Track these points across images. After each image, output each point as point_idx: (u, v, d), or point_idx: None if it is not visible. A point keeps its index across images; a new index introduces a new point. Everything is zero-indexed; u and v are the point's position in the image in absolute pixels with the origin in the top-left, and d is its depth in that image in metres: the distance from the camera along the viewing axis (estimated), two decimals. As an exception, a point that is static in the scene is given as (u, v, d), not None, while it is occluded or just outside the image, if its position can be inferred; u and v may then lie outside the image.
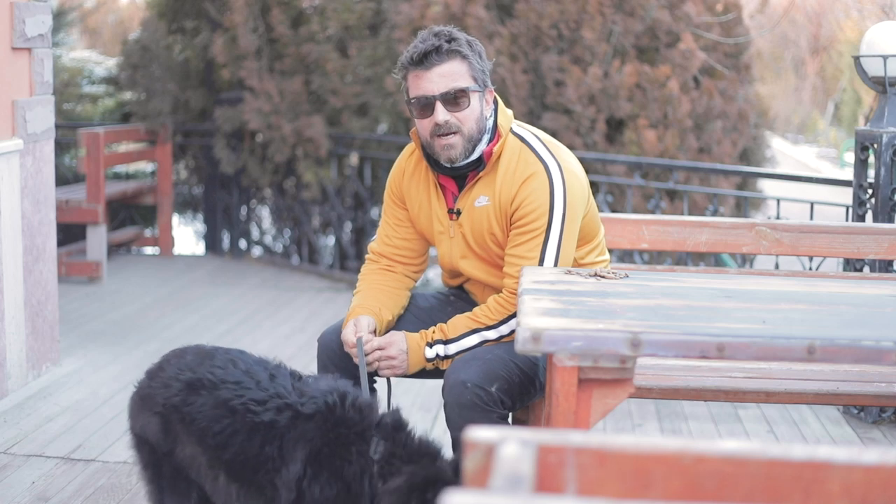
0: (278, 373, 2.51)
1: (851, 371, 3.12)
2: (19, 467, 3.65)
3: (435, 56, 2.71)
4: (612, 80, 6.60)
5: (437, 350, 2.78)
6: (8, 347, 4.42)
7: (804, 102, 24.92)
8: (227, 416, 2.46)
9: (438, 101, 2.72)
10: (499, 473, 1.18)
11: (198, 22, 8.35)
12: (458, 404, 2.66)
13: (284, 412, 2.43)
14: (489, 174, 2.80)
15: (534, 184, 2.74)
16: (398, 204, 2.98)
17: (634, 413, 4.40)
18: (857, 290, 2.60)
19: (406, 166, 2.97)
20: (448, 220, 2.87)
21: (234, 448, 2.45)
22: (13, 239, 4.44)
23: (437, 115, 2.72)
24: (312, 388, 2.48)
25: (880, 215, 4.22)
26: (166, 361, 2.61)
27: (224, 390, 2.47)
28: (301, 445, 2.42)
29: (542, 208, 2.74)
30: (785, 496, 1.23)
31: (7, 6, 4.44)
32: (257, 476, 2.46)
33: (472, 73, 2.75)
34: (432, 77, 2.72)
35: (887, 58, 4.26)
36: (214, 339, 5.44)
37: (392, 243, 2.99)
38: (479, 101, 2.77)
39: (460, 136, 2.74)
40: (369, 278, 2.98)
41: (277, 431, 2.42)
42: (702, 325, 2.15)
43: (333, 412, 2.43)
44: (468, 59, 2.75)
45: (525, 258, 2.75)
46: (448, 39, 2.73)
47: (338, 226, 7.84)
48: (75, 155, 8.58)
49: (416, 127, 2.82)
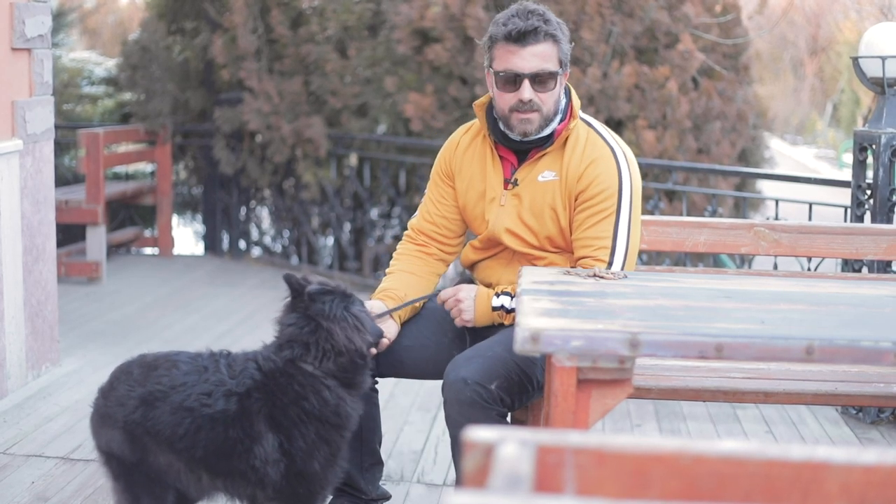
0: (211, 363, 2.62)
1: (850, 371, 3.12)
2: (19, 467, 3.65)
3: (532, 36, 2.78)
4: (611, 81, 6.61)
5: (504, 301, 2.84)
6: (8, 347, 4.42)
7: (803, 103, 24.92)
8: (186, 415, 2.55)
9: (527, 79, 2.79)
10: (498, 473, 1.19)
11: (197, 22, 8.35)
12: (458, 401, 2.67)
13: (231, 398, 2.56)
14: (556, 151, 2.88)
15: (602, 166, 2.82)
16: (445, 181, 3.06)
17: (633, 413, 4.41)
18: (855, 290, 2.60)
19: (461, 140, 3.04)
20: (502, 189, 2.93)
21: (202, 443, 2.55)
22: (13, 239, 4.44)
23: (522, 92, 2.79)
24: (239, 364, 2.62)
25: (879, 216, 4.23)
26: (116, 379, 2.67)
27: (175, 395, 2.57)
28: (257, 420, 2.54)
29: (611, 189, 2.81)
30: (783, 496, 1.24)
31: (7, 6, 4.45)
32: (233, 463, 2.56)
33: (560, 56, 2.84)
34: (525, 55, 2.78)
35: (886, 59, 4.26)
36: (214, 339, 5.45)
37: (432, 220, 3.07)
38: (560, 84, 2.87)
39: (539, 115, 2.83)
40: (404, 261, 3.06)
41: (231, 415, 2.54)
42: (700, 325, 2.15)
43: (262, 372, 2.58)
44: (560, 43, 2.83)
45: (599, 239, 2.80)
46: (545, 21, 2.81)
47: (337, 226, 7.84)
48: (75, 155, 8.58)
49: (496, 98, 2.87)
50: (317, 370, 2.59)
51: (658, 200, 5.78)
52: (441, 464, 3.77)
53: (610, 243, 2.79)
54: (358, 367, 2.63)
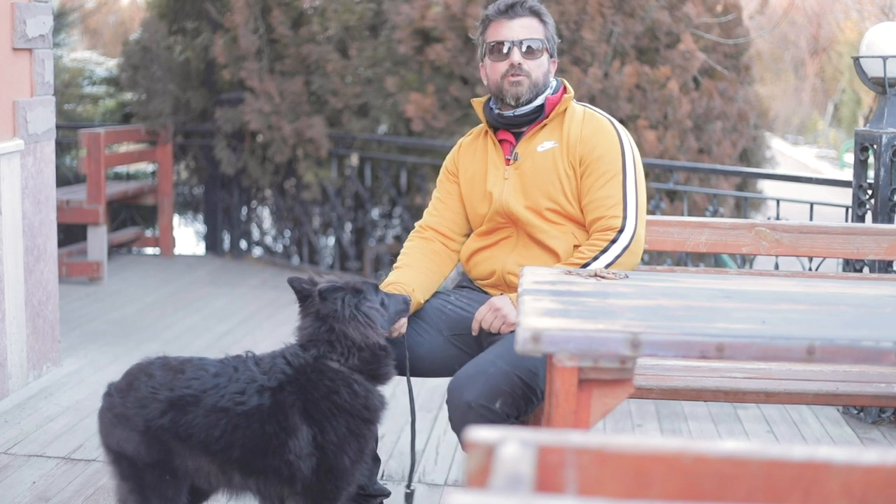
0: (240, 363, 2.65)
1: (851, 371, 3.12)
2: (20, 467, 3.66)
3: (520, 8, 3.02)
4: (612, 81, 6.61)
5: None
6: (9, 347, 4.43)
7: (804, 103, 24.93)
8: (222, 416, 2.56)
9: (516, 46, 2.99)
10: (499, 473, 1.19)
11: (198, 23, 8.36)
12: (464, 424, 2.70)
13: (264, 393, 2.58)
14: (555, 122, 3.02)
15: (602, 132, 2.96)
16: (450, 178, 3.18)
17: (634, 413, 4.41)
18: (856, 290, 2.60)
19: (464, 141, 3.21)
20: (504, 166, 3.04)
21: (240, 442, 2.56)
22: (14, 239, 4.45)
23: (512, 56, 2.98)
24: (267, 361, 2.66)
25: (880, 216, 4.23)
26: (135, 379, 2.65)
27: (207, 398, 2.57)
28: (292, 413, 2.57)
29: (614, 152, 2.93)
30: (784, 496, 1.23)
31: (8, 7, 4.45)
32: (268, 460, 2.57)
33: (546, 35, 3.05)
34: (513, 26, 3.01)
35: (887, 58, 4.26)
36: (215, 339, 5.45)
37: (440, 214, 3.17)
38: (548, 62, 3.05)
39: (528, 80, 2.99)
40: (411, 255, 3.12)
41: (266, 410, 2.57)
42: (701, 325, 2.15)
43: (292, 367, 2.62)
44: (545, 23, 3.06)
45: (610, 197, 2.90)
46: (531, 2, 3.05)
47: (338, 226, 7.84)
48: (76, 155, 8.59)
49: (489, 73, 3.05)
50: (343, 367, 2.64)
51: (659, 200, 5.78)
52: (442, 464, 3.77)
53: (621, 201, 2.89)
54: (380, 359, 2.68)
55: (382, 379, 2.72)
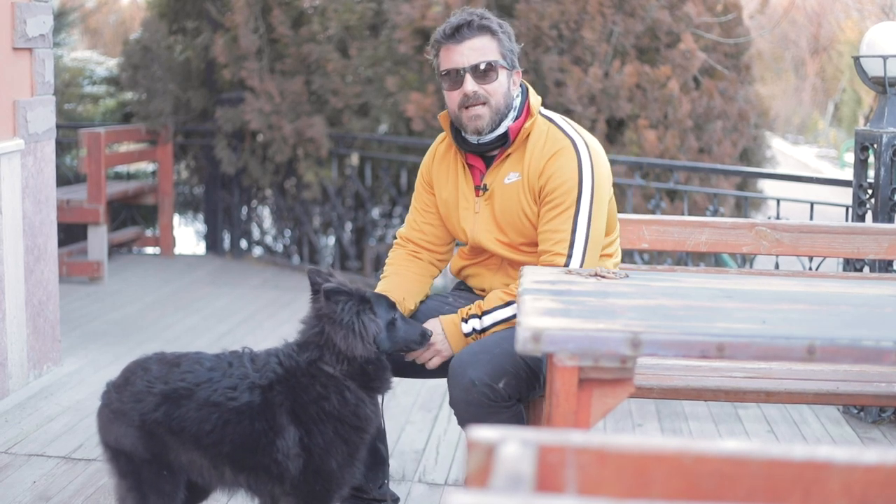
0: (235, 358, 2.66)
1: (851, 371, 3.12)
2: (20, 467, 3.66)
3: (466, 30, 2.82)
4: (613, 81, 6.61)
5: (473, 324, 2.84)
6: (9, 347, 4.43)
7: (804, 103, 24.92)
8: (213, 411, 2.57)
9: (468, 72, 2.82)
10: (499, 473, 1.19)
11: (199, 22, 8.36)
12: (466, 401, 2.69)
13: (255, 390, 2.59)
14: (518, 151, 2.87)
15: (562, 159, 2.80)
16: (427, 189, 3.07)
17: (634, 413, 4.41)
18: (857, 290, 2.60)
19: (437, 150, 3.06)
20: (475, 197, 2.93)
21: (230, 438, 2.57)
22: (14, 239, 4.45)
23: (465, 86, 2.82)
24: (262, 358, 2.66)
25: (880, 215, 4.23)
26: (132, 374, 2.67)
27: (200, 391, 2.58)
28: (279, 412, 2.58)
29: (570, 182, 2.79)
30: (785, 496, 1.23)
31: (8, 6, 4.45)
32: (257, 457, 2.58)
33: (501, 51, 2.85)
34: (463, 50, 2.82)
35: (887, 58, 4.26)
36: (215, 339, 5.45)
37: (419, 228, 3.08)
38: (507, 79, 2.87)
39: (488, 108, 2.83)
40: (397, 264, 3.07)
41: (255, 407, 2.58)
42: (702, 325, 2.15)
43: (283, 367, 2.62)
44: (498, 36, 2.85)
45: (558, 231, 2.79)
46: (479, 16, 2.84)
47: (338, 226, 7.84)
48: (76, 155, 8.58)
49: (447, 101, 2.90)
50: (336, 372, 2.62)
51: (659, 200, 5.78)
52: (442, 463, 3.77)
53: (568, 237, 2.78)
54: (369, 372, 2.64)
55: (375, 390, 2.69)
